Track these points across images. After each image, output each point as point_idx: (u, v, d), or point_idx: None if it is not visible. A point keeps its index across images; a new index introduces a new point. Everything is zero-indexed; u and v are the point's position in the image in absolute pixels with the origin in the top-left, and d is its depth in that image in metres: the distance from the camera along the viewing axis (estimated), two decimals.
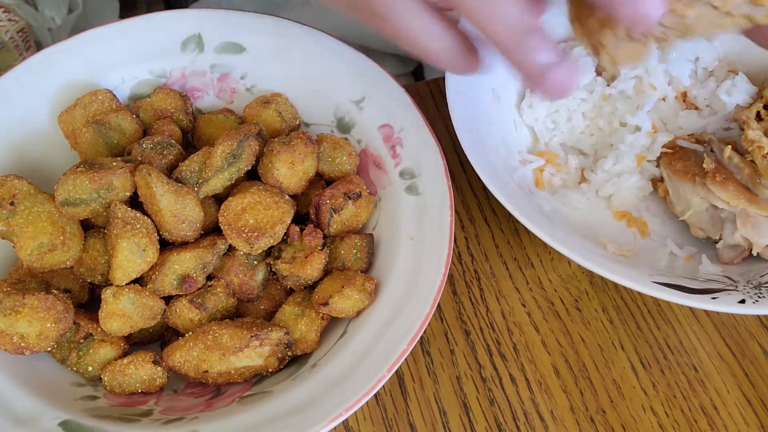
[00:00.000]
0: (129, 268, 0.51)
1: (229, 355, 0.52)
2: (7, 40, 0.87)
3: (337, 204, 0.57)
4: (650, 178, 0.68)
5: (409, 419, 0.58)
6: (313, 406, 0.49)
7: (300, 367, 0.54)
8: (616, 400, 0.60)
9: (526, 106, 0.71)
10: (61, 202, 0.51)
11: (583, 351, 0.62)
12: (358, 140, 0.64)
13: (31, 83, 0.61)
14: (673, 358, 0.62)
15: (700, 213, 0.63)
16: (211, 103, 0.67)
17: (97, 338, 0.53)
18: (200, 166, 0.56)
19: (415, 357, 0.61)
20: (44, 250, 0.51)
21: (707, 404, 0.60)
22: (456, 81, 0.65)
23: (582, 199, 0.68)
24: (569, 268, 0.67)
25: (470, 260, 0.67)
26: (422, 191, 0.59)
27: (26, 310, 0.49)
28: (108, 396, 0.53)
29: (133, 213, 0.52)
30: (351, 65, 0.65)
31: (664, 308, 0.65)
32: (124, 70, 0.64)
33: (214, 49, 0.66)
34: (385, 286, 0.56)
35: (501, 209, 0.70)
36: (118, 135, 0.59)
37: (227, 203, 0.55)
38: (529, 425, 0.58)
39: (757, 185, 0.60)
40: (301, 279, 0.55)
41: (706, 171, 0.62)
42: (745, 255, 0.62)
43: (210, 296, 0.54)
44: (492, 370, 0.61)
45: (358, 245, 0.58)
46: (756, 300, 0.56)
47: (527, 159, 0.69)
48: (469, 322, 0.63)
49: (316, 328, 0.55)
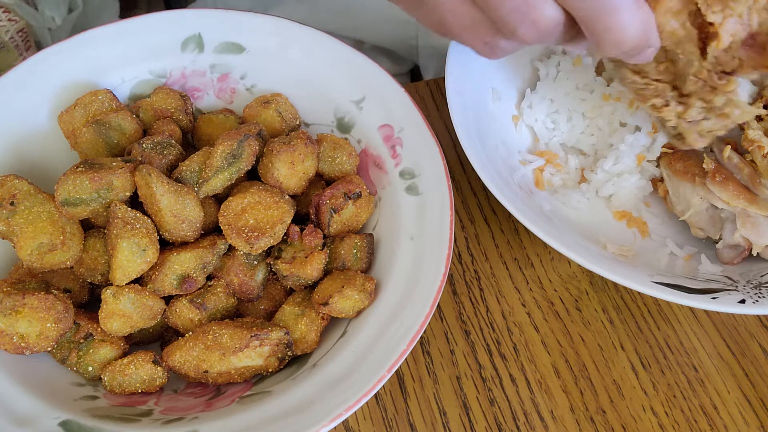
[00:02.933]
0: (129, 268, 0.51)
1: (229, 355, 0.52)
2: (7, 40, 0.87)
3: (337, 204, 0.57)
4: (650, 178, 0.68)
5: (409, 419, 0.58)
6: (313, 406, 0.49)
7: (300, 367, 0.54)
8: (616, 400, 0.60)
9: (526, 106, 0.71)
10: (61, 202, 0.51)
11: (583, 351, 0.62)
12: (358, 140, 0.64)
13: (31, 83, 0.61)
14: (673, 358, 0.62)
15: (700, 213, 0.63)
16: (211, 103, 0.67)
17: (97, 338, 0.53)
18: (200, 166, 0.56)
19: (415, 357, 0.61)
20: (44, 250, 0.51)
21: (707, 404, 0.60)
22: (456, 81, 0.65)
23: (582, 199, 0.68)
24: (569, 268, 0.67)
25: (470, 260, 0.67)
26: (422, 191, 0.59)
27: (26, 310, 0.49)
28: (108, 396, 0.53)
29: (133, 213, 0.52)
30: (351, 65, 0.65)
31: (664, 308, 0.65)
32: (124, 70, 0.64)
33: (214, 49, 0.66)
34: (385, 286, 0.56)
35: (501, 209, 0.70)
36: (118, 135, 0.59)
37: (227, 203, 0.55)
38: (529, 425, 0.58)
39: (757, 185, 0.60)
40: (301, 279, 0.55)
41: (706, 171, 0.62)
42: (745, 255, 0.62)
43: (210, 296, 0.54)
44: (492, 370, 0.61)
45: (358, 245, 0.58)
46: (756, 300, 0.56)
47: (527, 159, 0.69)
48: (469, 322, 0.63)
49: (316, 328, 0.55)
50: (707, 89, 0.52)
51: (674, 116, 0.55)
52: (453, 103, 0.63)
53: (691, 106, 0.54)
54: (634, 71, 0.55)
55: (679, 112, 0.55)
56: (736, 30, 0.48)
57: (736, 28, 0.48)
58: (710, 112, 0.54)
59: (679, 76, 0.53)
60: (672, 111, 0.55)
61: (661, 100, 0.55)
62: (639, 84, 0.55)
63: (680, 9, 0.48)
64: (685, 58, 0.51)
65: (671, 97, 0.54)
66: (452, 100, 0.63)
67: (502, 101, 0.71)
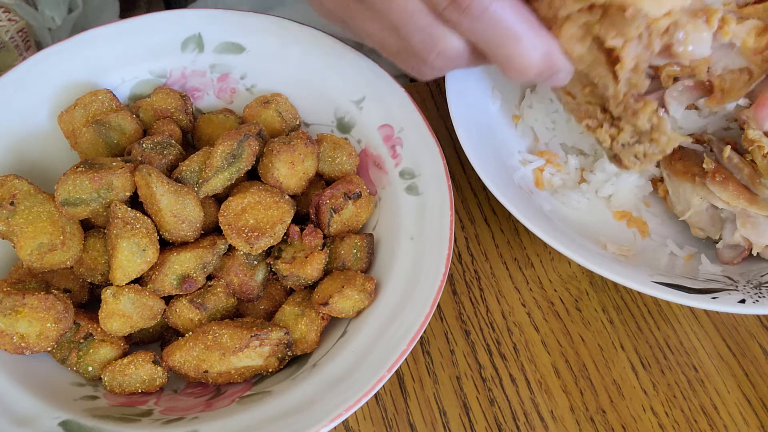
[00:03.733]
0: (129, 268, 0.51)
1: (229, 355, 0.52)
2: (7, 40, 0.87)
3: (337, 204, 0.57)
4: (650, 178, 0.68)
5: (409, 419, 0.58)
6: (313, 406, 0.49)
7: (300, 367, 0.54)
8: (616, 400, 0.60)
9: (526, 106, 0.71)
10: (61, 202, 0.51)
11: (583, 351, 0.62)
12: (358, 140, 0.64)
13: (31, 83, 0.61)
14: (673, 358, 0.62)
15: (700, 213, 0.63)
16: (211, 103, 0.67)
17: (97, 338, 0.53)
18: (200, 166, 0.56)
19: (415, 357, 0.61)
20: (44, 250, 0.51)
21: (707, 404, 0.60)
22: (456, 81, 0.65)
23: (582, 199, 0.68)
24: (569, 268, 0.67)
25: (470, 260, 0.67)
26: (422, 191, 0.59)
27: (26, 310, 0.49)
28: (108, 396, 0.53)
29: (133, 213, 0.52)
30: (351, 65, 0.65)
31: (664, 308, 0.65)
32: (124, 70, 0.64)
33: (214, 49, 0.66)
34: (385, 286, 0.56)
35: (501, 209, 0.70)
36: (118, 135, 0.59)
37: (227, 203, 0.55)
38: (529, 425, 0.58)
39: (757, 185, 0.60)
40: (301, 279, 0.55)
41: (706, 171, 0.62)
42: (745, 255, 0.62)
43: (210, 296, 0.54)
44: (492, 370, 0.61)
45: (358, 245, 0.58)
46: (756, 300, 0.56)
47: (527, 159, 0.69)
48: (469, 322, 0.63)
49: (316, 328, 0.55)
50: (630, 112, 0.53)
51: (608, 138, 0.56)
52: (453, 103, 0.63)
53: (623, 130, 0.54)
54: (565, 92, 0.56)
55: (612, 134, 0.55)
56: (639, 52, 0.49)
57: (638, 50, 0.49)
58: (642, 137, 0.55)
59: (605, 99, 0.54)
60: (606, 133, 0.55)
61: (594, 120, 0.56)
62: (572, 104, 0.56)
63: (583, 35, 0.49)
64: (600, 82, 0.52)
65: (603, 119, 0.55)
66: (452, 100, 0.63)
67: (502, 101, 0.71)
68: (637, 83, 0.51)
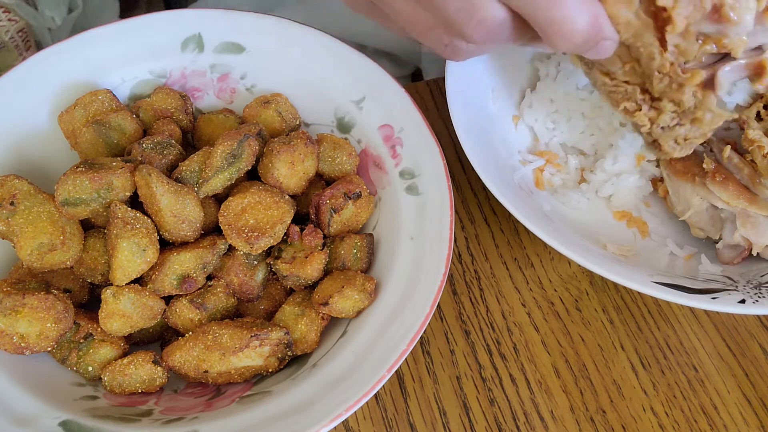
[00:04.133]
0: (129, 268, 0.51)
1: (229, 355, 0.52)
2: (7, 40, 0.87)
3: (337, 204, 0.57)
4: (650, 178, 0.68)
5: (409, 419, 0.58)
6: (313, 406, 0.49)
7: (300, 367, 0.54)
8: (616, 400, 0.60)
9: (526, 106, 0.71)
10: (61, 202, 0.51)
11: (583, 351, 0.62)
12: (358, 140, 0.64)
13: (31, 83, 0.61)
14: (673, 358, 0.62)
15: (700, 213, 0.63)
16: (211, 103, 0.67)
17: (97, 338, 0.53)
18: (200, 166, 0.56)
19: (415, 357, 0.61)
20: (44, 250, 0.51)
21: (707, 404, 0.60)
22: (456, 81, 0.65)
23: (582, 199, 0.68)
24: (569, 268, 0.67)
25: (470, 260, 0.67)
26: (422, 191, 0.59)
27: (26, 310, 0.49)
28: (108, 396, 0.53)
29: (133, 213, 0.52)
30: (351, 65, 0.65)
31: (664, 308, 0.65)
32: (124, 70, 0.64)
33: (214, 49, 0.66)
34: (385, 286, 0.56)
35: (501, 209, 0.70)
36: (118, 135, 0.59)
37: (227, 203, 0.55)
38: (529, 425, 0.58)
39: (756, 185, 0.60)
40: (301, 279, 0.55)
41: (706, 171, 0.62)
42: (745, 255, 0.62)
43: (210, 296, 0.54)
44: (492, 370, 0.61)
45: (358, 245, 0.58)
46: (756, 300, 0.56)
47: (527, 159, 0.69)
48: (469, 322, 0.63)
49: (316, 328, 0.55)
50: (675, 87, 0.51)
51: (647, 121, 0.54)
52: (453, 103, 0.63)
53: (664, 111, 0.53)
54: (603, 73, 0.55)
55: (651, 117, 0.54)
56: (690, 12, 0.47)
57: (689, 9, 0.47)
58: (683, 118, 0.53)
59: (646, 76, 0.52)
60: (645, 116, 0.54)
61: (633, 103, 0.54)
62: (609, 86, 0.55)
63: None
64: (646, 52, 0.50)
65: (642, 101, 0.54)
66: (452, 100, 0.63)
67: (502, 101, 0.71)
68: (686, 50, 0.49)
